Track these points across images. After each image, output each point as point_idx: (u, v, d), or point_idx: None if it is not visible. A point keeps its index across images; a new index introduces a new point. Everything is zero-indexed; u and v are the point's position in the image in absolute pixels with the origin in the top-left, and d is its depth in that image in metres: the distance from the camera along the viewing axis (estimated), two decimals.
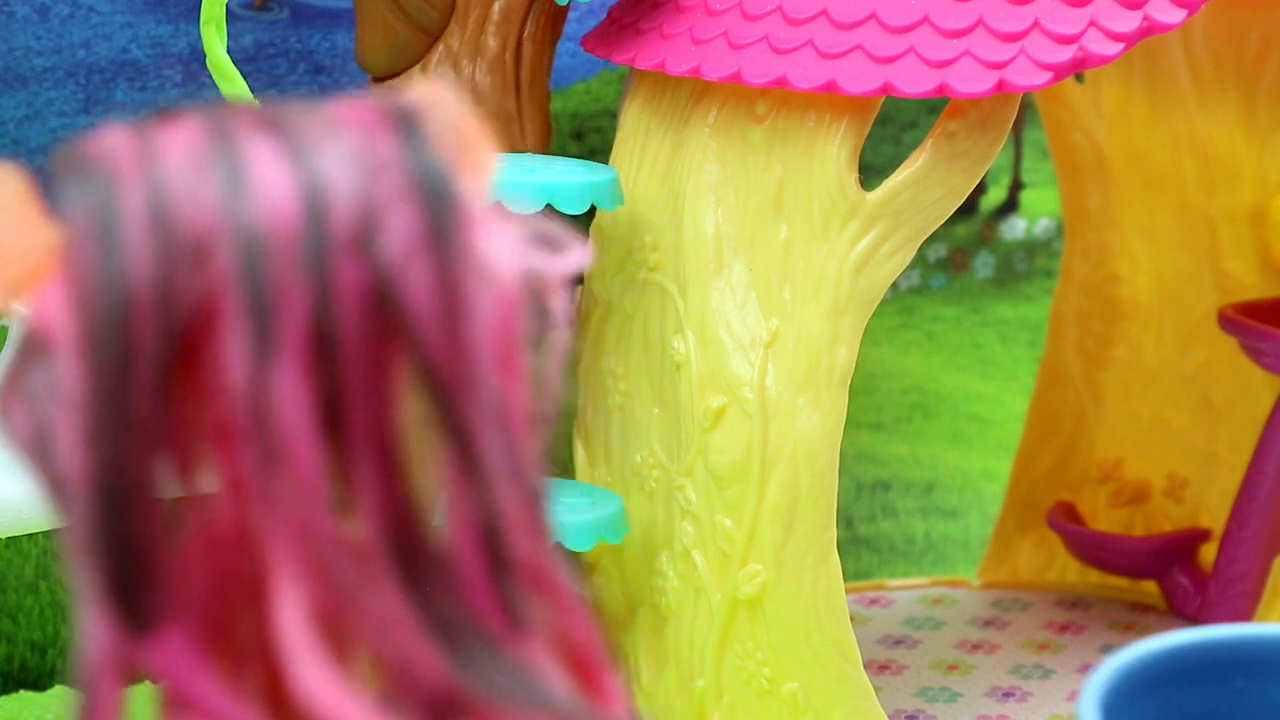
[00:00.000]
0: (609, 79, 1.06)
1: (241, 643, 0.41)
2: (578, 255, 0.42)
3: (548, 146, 0.90)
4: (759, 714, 0.80)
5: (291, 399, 0.38)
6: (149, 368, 0.38)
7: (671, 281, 0.81)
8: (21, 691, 0.98)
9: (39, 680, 0.99)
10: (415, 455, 0.40)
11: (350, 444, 0.39)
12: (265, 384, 0.38)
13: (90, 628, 0.38)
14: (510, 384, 0.40)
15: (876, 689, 0.81)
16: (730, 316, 0.79)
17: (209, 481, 0.40)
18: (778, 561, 0.78)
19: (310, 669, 0.38)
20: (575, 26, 0.99)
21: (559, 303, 0.42)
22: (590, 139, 1.06)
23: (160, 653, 0.38)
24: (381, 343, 0.39)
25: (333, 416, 0.38)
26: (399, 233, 0.39)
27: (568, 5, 0.86)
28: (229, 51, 0.79)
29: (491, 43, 0.87)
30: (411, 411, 0.39)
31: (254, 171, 0.39)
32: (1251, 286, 1.01)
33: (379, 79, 0.88)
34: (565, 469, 0.90)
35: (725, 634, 0.80)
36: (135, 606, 0.38)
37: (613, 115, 1.04)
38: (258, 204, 0.38)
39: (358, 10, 0.88)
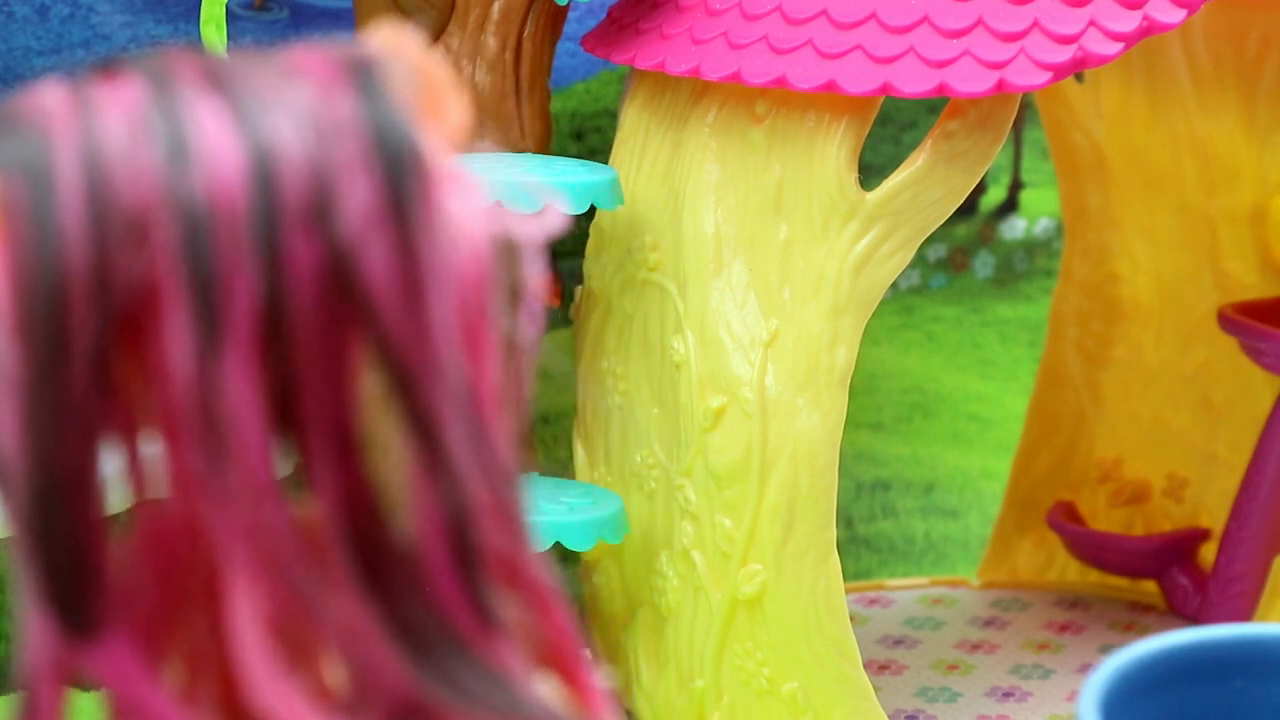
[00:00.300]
0: (609, 79, 1.06)
1: (195, 648, 0.38)
2: (554, 216, 0.39)
3: (548, 146, 0.90)
4: (759, 714, 0.80)
5: (240, 389, 0.35)
6: (85, 352, 0.35)
7: (671, 281, 0.81)
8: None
9: None
10: (377, 445, 0.37)
11: (306, 435, 0.36)
12: (211, 374, 0.35)
13: (31, 633, 0.36)
14: (479, 365, 0.37)
15: (876, 689, 0.81)
16: (730, 316, 0.79)
17: (158, 473, 0.37)
18: (777, 561, 0.78)
19: (265, 677, 0.36)
20: (575, 26, 0.99)
21: (534, 269, 0.39)
22: (590, 139, 1.06)
23: (103, 658, 0.36)
24: (338, 325, 0.36)
25: (286, 406, 0.36)
26: (356, 204, 0.36)
27: (568, 5, 0.86)
28: (229, 51, 0.79)
29: (491, 43, 0.87)
30: (372, 398, 0.37)
31: (198, 136, 0.36)
32: (1251, 286, 1.01)
33: None
34: (565, 469, 0.90)
35: (725, 634, 0.80)
36: (75, 608, 0.36)
37: (613, 115, 1.04)
38: (202, 173, 0.35)
39: (358, 10, 0.88)
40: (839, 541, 0.79)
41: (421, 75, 0.38)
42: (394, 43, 0.38)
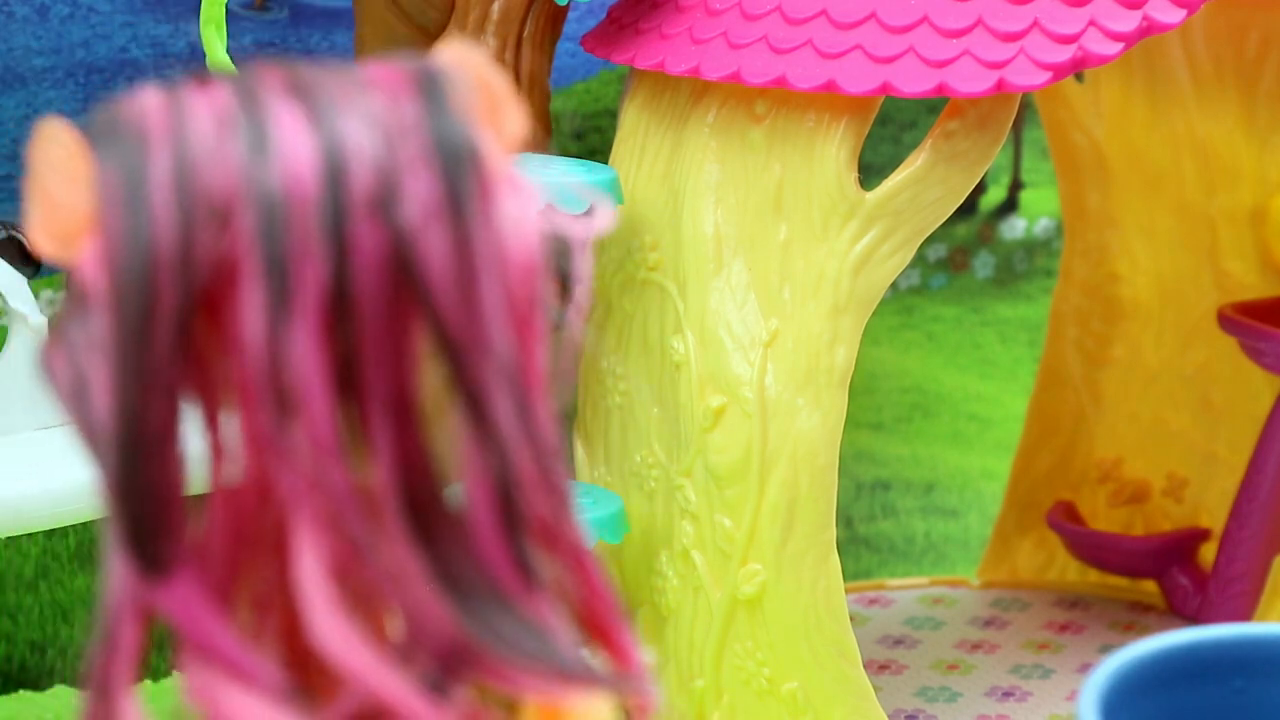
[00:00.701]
0: (609, 79, 1.06)
1: (261, 594, 0.42)
2: (602, 217, 0.43)
3: (548, 146, 0.90)
4: (759, 714, 0.80)
5: (306, 355, 0.39)
6: (169, 322, 0.39)
7: (671, 281, 0.81)
8: (21, 691, 0.98)
9: (38, 680, 0.99)
10: (433, 415, 0.41)
11: (366, 401, 0.40)
12: (281, 340, 0.39)
13: (112, 574, 0.40)
14: (527, 347, 0.41)
15: (876, 689, 0.81)
16: (730, 316, 0.79)
17: (233, 434, 0.41)
18: (777, 561, 0.78)
19: (325, 617, 0.39)
20: (575, 26, 0.99)
21: (582, 264, 0.43)
22: (590, 139, 1.06)
23: (175, 598, 0.40)
24: (398, 304, 0.40)
25: (349, 374, 0.40)
26: (417, 197, 0.40)
27: (568, 5, 0.86)
28: (229, 51, 0.79)
29: (491, 43, 0.87)
30: (431, 372, 0.40)
31: (277, 135, 0.40)
32: (1251, 286, 1.01)
33: None
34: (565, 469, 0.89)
35: (725, 634, 0.80)
36: (151, 552, 0.40)
37: (613, 115, 1.04)
38: (279, 167, 0.40)
39: (357, 10, 0.88)
40: (839, 541, 0.79)
41: (483, 87, 0.42)
42: (460, 57, 0.42)
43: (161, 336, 0.39)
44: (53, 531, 0.97)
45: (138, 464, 0.39)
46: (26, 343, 0.78)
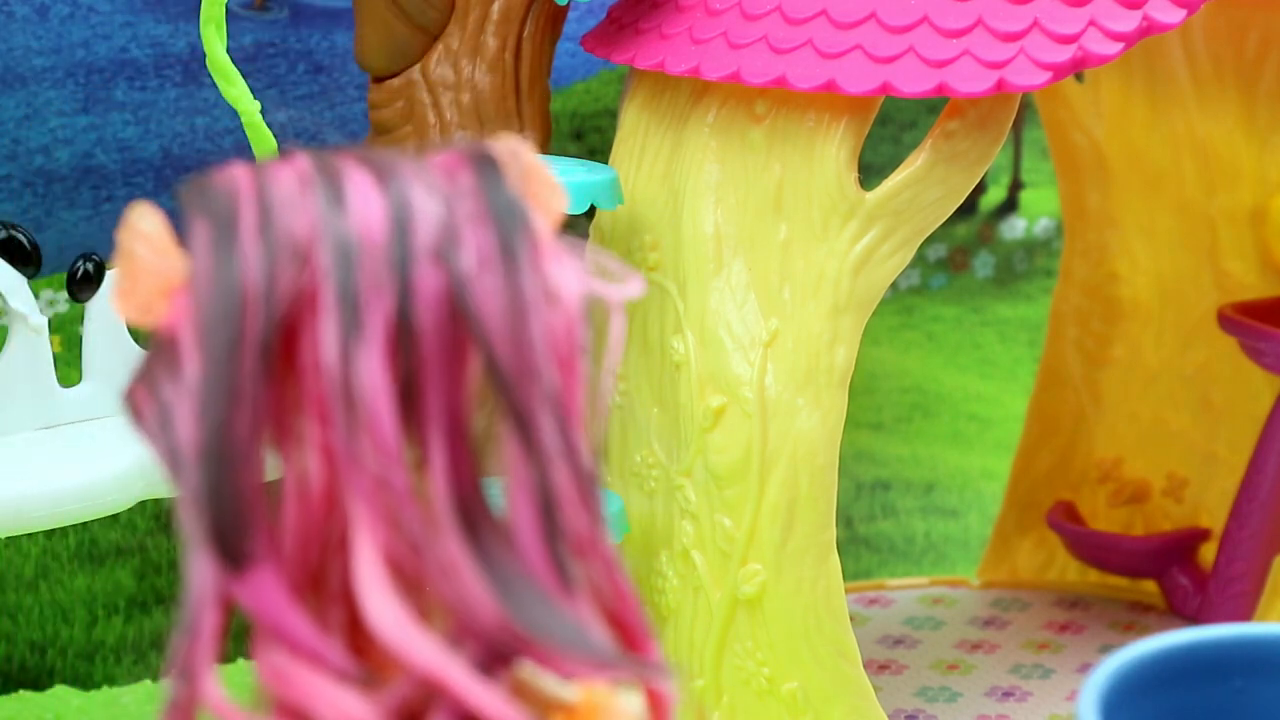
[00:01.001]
0: (609, 79, 1.06)
1: (328, 585, 0.47)
2: (634, 286, 0.48)
3: (548, 146, 0.90)
4: (758, 713, 0.80)
5: (374, 375, 0.45)
6: (254, 348, 0.45)
7: (671, 281, 0.81)
8: (21, 691, 0.98)
9: (38, 680, 0.99)
10: (483, 434, 0.46)
11: (424, 419, 0.45)
12: (353, 361, 0.45)
13: (195, 569, 0.45)
14: (568, 383, 0.46)
15: (876, 689, 0.81)
16: (730, 316, 0.79)
17: (302, 451, 0.46)
18: (777, 561, 0.78)
19: (381, 602, 0.44)
20: (575, 26, 0.99)
21: (616, 324, 0.48)
22: (590, 139, 1.06)
23: (253, 590, 0.45)
24: (454, 337, 0.45)
25: (410, 395, 0.45)
26: (473, 248, 0.46)
27: (568, 5, 0.86)
28: (229, 51, 0.79)
29: (491, 42, 0.87)
30: (481, 396, 0.46)
31: (350, 192, 0.46)
32: (1251, 286, 1.01)
33: (379, 78, 0.88)
34: None
35: (724, 634, 0.80)
36: (232, 550, 0.45)
37: (613, 115, 1.04)
38: (352, 217, 0.46)
39: (357, 10, 0.88)
40: (839, 541, 0.79)
41: (531, 172, 0.48)
42: (510, 147, 0.48)
43: (248, 357, 0.45)
44: (53, 531, 0.97)
45: (224, 475, 0.45)
46: (26, 343, 0.78)
